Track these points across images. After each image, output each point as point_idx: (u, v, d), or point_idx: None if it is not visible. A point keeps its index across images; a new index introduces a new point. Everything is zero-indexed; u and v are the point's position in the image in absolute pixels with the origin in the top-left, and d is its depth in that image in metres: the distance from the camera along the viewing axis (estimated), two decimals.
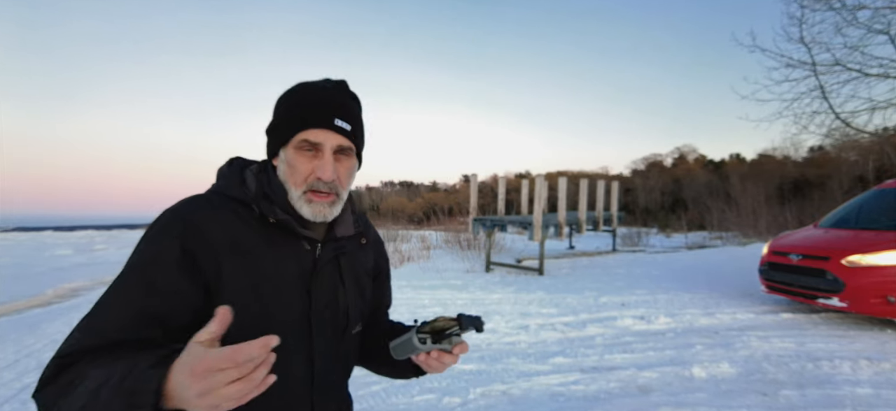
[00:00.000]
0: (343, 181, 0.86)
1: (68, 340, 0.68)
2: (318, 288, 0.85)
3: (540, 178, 8.84)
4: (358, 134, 0.88)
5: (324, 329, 0.86)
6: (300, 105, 0.83)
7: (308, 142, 0.81)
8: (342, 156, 0.85)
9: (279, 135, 0.84)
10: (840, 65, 8.52)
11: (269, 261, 0.80)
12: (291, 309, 0.81)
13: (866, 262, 4.66)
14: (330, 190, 0.83)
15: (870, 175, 22.02)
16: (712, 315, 5.28)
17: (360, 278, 0.95)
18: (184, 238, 0.74)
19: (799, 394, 3.11)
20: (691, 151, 58.65)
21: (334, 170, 0.83)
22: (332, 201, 0.84)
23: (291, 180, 0.82)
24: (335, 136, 0.82)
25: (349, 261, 0.92)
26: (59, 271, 12.30)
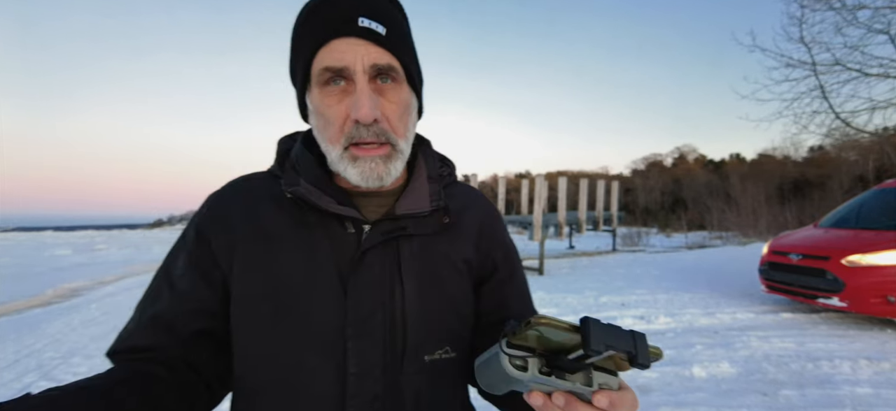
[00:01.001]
0: (394, 122, 0.58)
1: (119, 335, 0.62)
2: (358, 284, 0.58)
3: (540, 178, 8.84)
4: (402, 45, 0.59)
5: (365, 350, 0.57)
6: (312, 13, 0.57)
7: (330, 69, 0.55)
8: (386, 85, 0.57)
9: (297, 77, 0.60)
10: (840, 64, 8.52)
11: (294, 251, 0.59)
12: (316, 315, 0.57)
13: (866, 262, 4.65)
14: (379, 137, 0.57)
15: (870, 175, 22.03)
16: (712, 315, 5.28)
17: (441, 275, 0.63)
18: (203, 224, 0.62)
19: (799, 394, 3.11)
20: (691, 151, 58.70)
21: (375, 105, 0.55)
22: (386, 154, 0.58)
23: (327, 136, 0.58)
24: (365, 48, 0.55)
25: (418, 250, 0.62)
26: (59, 271, 12.30)
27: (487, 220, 0.72)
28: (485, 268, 0.69)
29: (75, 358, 4.29)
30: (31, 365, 4.10)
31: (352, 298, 0.58)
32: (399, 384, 0.58)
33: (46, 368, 4.01)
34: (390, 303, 0.59)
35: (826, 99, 8.82)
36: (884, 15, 7.97)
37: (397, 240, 0.62)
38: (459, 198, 0.70)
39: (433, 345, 0.60)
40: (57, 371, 3.93)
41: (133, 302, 7.13)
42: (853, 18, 8.13)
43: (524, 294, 0.73)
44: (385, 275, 0.60)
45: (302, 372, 0.57)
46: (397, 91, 0.58)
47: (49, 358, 4.32)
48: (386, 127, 0.57)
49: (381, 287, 0.59)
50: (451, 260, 0.65)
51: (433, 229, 0.64)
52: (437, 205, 0.65)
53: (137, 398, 0.51)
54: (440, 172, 0.70)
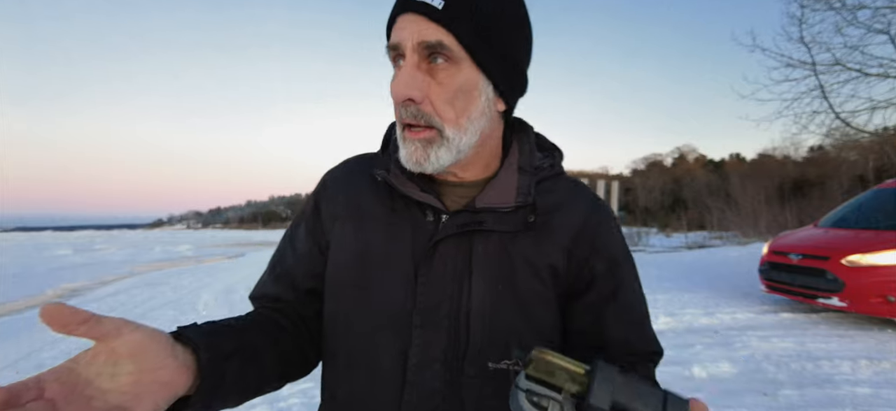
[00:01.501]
0: (438, 106, 0.54)
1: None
2: (429, 273, 0.58)
3: None
4: (461, 17, 0.52)
5: (428, 341, 0.57)
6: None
7: (390, 47, 0.55)
8: (436, 67, 0.54)
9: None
10: (840, 64, 8.53)
11: (379, 231, 0.61)
12: (391, 295, 0.58)
13: (866, 262, 4.65)
14: (418, 119, 0.55)
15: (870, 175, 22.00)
16: (712, 314, 5.28)
17: (515, 278, 0.58)
18: (318, 196, 0.69)
19: (799, 394, 3.11)
20: (691, 151, 58.70)
21: (411, 85, 0.53)
22: (428, 138, 0.55)
23: (395, 116, 0.59)
24: (418, 23, 0.52)
25: (493, 248, 0.59)
26: (59, 271, 12.30)
27: (591, 223, 0.62)
28: (580, 279, 0.61)
29: None
30: (31, 365, 4.10)
31: (421, 287, 0.57)
32: (459, 384, 0.56)
33: (46, 368, 4.02)
34: (458, 298, 0.57)
35: (826, 99, 8.82)
36: (884, 15, 7.98)
37: (472, 234, 0.59)
38: (557, 195, 0.63)
39: (499, 353, 0.57)
40: None
41: (133, 302, 7.17)
42: (853, 18, 8.13)
43: (633, 318, 0.63)
44: (456, 268, 0.58)
45: (371, 348, 0.59)
46: (450, 71, 0.54)
47: (49, 357, 4.32)
48: (428, 109, 0.54)
49: (451, 280, 0.58)
50: (533, 264, 0.59)
51: (515, 227, 0.59)
52: (524, 201, 0.59)
53: (266, 339, 0.59)
54: (537, 163, 0.64)
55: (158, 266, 14.45)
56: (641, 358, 0.62)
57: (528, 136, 0.66)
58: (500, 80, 0.57)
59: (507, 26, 0.56)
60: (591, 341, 0.61)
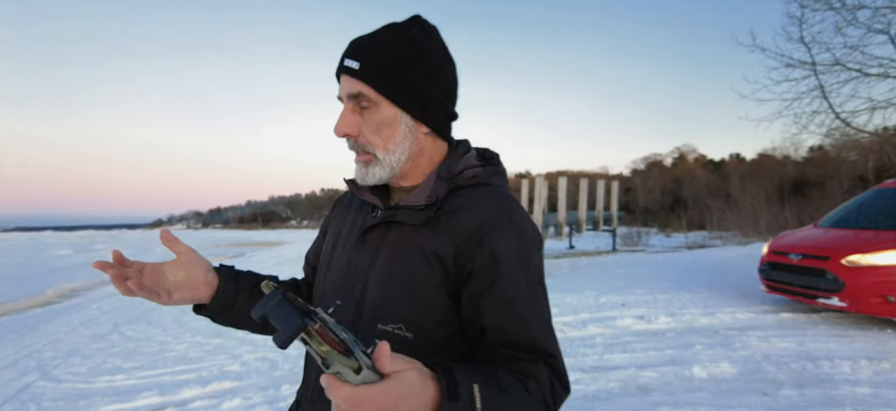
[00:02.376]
0: (369, 137, 0.73)
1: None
2: (354, 257, 0.77)
3: (540, 178, 8.84)
4: (375, 74, 0.69)
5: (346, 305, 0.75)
6: None
7: (339, 99, 0.76)
8: (364, 110, 0.72)
9: None
10: (840, 64, 8.52)
11: (347, 221, 0.85)
12: (336, 270, 0.81)
13: (866, 262, 4.65)
14: (357, 149, 0.75)
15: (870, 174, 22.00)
16: (712, 314, 5.28)
17: (409, 259, 0.70)
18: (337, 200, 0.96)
19: (799, 394, 3.11)
20: (691, 151, 58.69)
21: (347, 124, 0.72)
22: (366, 161, 0.74)
23: None
24: (346, 81, 0.72)
25: (400, 236, 0.73)
26: (59, 271, 12.30)
27: (485, 226, 0.70)
28: (463, 271, 0.69)
29: (75, 358, 4.29)
30: (31, 365, 4.10)
31: (351, 264, 0.77)
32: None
33: (46, 368, 4.01)
34: (367, 272, 0.74)
35: (826, 99, 8.82)
36: (884, 15, 7.97)
37: (391, 225, 0.75)
38: (466, 201, 0.74)
39: (388, 318, 0.70)
40: (57, 370, 3.93)
41: (133, 301, 7.15)
42: (853, 18, 8.13)
43: (512, 311, 0.68)
44: (372, 250, 0.75)
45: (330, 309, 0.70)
46: (372, 111, 0.72)
47: (49, 357, 4.32)
48: (363, 141, 0.73)
49: (367, 258, 0.75)
50: (425, 250, 0.70)
51: (421, 221, 0.72)
52: (431, 201, 0.73)
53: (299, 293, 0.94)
54: (456, 172, 0.76)
55: None
56: (526, 354, 0.67)
57: (457, 152, 0.79)
58: (413, 111, 0.73)
59: (413, 71, 0.71)
60: (472, 328, 0.70)
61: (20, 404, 3.23)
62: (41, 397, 3.34)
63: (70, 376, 3.79)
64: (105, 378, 3.74)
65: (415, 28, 0.74)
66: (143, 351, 4.50)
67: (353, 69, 0.70)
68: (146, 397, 3.29)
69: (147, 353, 4.44)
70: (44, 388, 3.53)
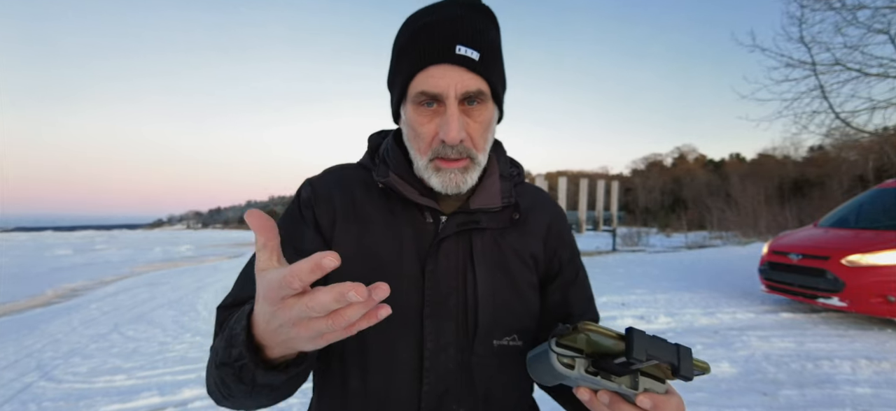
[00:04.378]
0: (476, 140, 0.64)
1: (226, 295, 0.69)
2: (436, 269, 0.65)
3: (540, 178, 8.85)
4: (491, 65, 0.63)
5: (441, 328, 0.64)
6: (413, 38, 0.63)
7: (426, 94, 0.61)
8: (472, 108, 0.63)
9: (395, 91, 0.67)
10: (840, 64, 8.52)
11: (382, 232, 0.67)
12: (401, 291, 0.64)
13: (866, 262, 4.65)
14: (461, 154, 0.64)
15: (870, 174, 22.01)
16: (712, 314, 5.28)
17: (509, 267, 0.69)
18: (311, 202, 0.70)
19: (799, 394, 3.11)
20: (691, 151, 58.70)
21: (461, 129, 0.61)
22: (464, 166, 0.65)
23: (416, 147, 0.66)
24: (459, 75, 0.60)
25: (490, 242, 0.69)
26: (59, 271, 12.30)
27: (556, 221, 0.77)
28: (552, 266, 0.74)
29: (75, 358, 4.29)
30: (31, 365, 4.10)
31: (430, 281, 0.65)
32: (470, 364, 0.65)
33: (46, 368, 4.01)
34: (463, 288, 0.66)
35: (826, 99, 8.82)
36: (884, 15, 7.97)
37: (470, 232, 0.68)
38: (528, 197, 0.76)
39: (501, 331, 0.66)
40: (57, 371, 3.93)
41: (133, 301, 7.17)
42: (853, 18, 8.13)
43: (588, 296, 0.78)
44: (459, 262, 0.67)
45: (385, 343, 0.63)
46: (483, 111, 0.64)
47: (49, 357, 4.32)
48: (469, 145, 0.64)
49: (455, 273, 0.66)
50: (520, 253, 0.71)
51: (503, 224, 0.70)
52: (508, 202, 0.71)
53: None
54: (510, 172, 0.75)
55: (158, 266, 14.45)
56: None
57: (501, 151, 0.77)
58: (501, 111, 0.70)
59: (502, 62, 0.67)
60: (558, 312, 0.73)
61: (20, 404, 3.23)
62: (41, 397, 3.34)
63: (70, 376, 3.79)
64: (105, 378, 3.74)
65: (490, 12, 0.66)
66: (143, 352, 4.50)
67: (474, 60, 0.60)
68: (146, 397, 3.29)
69: (147, 353, 4.44)
70: (44, 388, 3.53)
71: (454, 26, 0.61)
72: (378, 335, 0.61)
